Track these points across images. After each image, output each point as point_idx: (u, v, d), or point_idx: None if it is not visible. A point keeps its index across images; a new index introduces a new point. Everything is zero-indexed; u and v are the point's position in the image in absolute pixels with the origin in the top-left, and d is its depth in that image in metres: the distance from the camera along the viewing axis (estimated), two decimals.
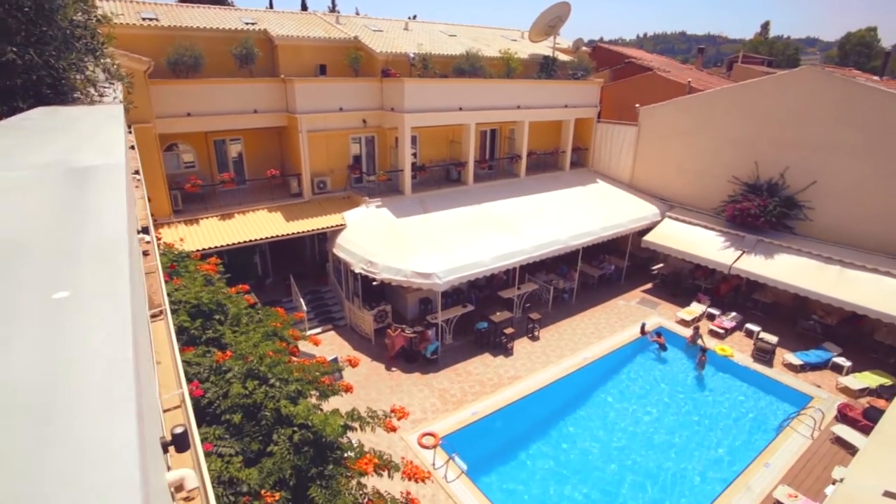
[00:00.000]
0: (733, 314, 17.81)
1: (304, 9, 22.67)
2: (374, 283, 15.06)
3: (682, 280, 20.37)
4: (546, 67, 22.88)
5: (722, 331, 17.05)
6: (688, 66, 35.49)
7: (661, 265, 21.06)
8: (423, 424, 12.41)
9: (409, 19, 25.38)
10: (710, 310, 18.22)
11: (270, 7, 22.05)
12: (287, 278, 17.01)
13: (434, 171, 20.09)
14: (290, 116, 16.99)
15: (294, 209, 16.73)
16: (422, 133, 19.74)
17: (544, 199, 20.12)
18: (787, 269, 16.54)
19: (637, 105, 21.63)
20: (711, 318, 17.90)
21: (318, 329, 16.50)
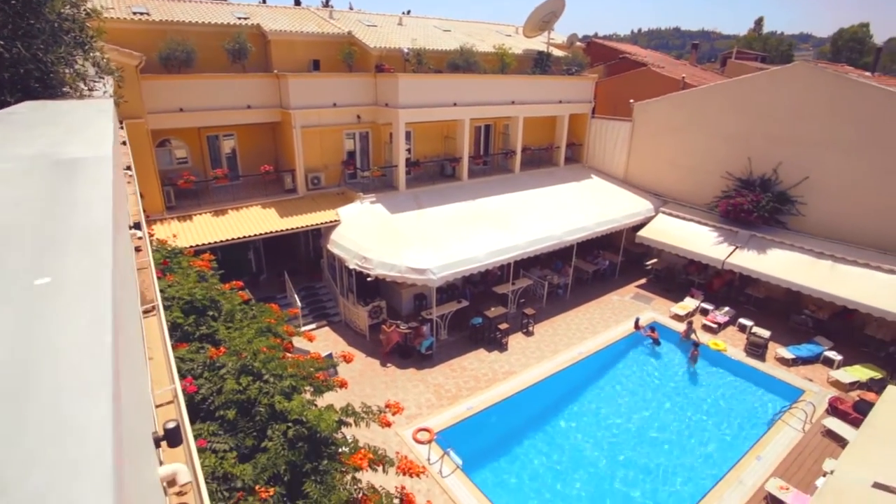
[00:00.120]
0: (726, 309, 17.93)
1: (297, 4, 22.52)
2: (369, 279, 15.05)
3: (675, 275, 20.49)
4: (540, 63, 22.86)
5: (715, 325, 17.17)
6: (682, 61, 35.54)
7: (654, 260, 21.15)
8: (418, 420, 12.44)
9: (403, 14, 25.22)
10: (703, 305, 18.34)
11: (263, 2, 21.89)
12: (281, 274, 16.96)
13: (428, 167, 20.05)
14: (283, 112, 16.90)
15: (288, 205, 16.67)
16: (416, 129, 19.70)
17: (539, 195, 20.15)
18: (780, 264, 16.66)
19: (631, 101, 21.66)
20: (705, 312, 18.02)
21: (313, 325, 16.48)
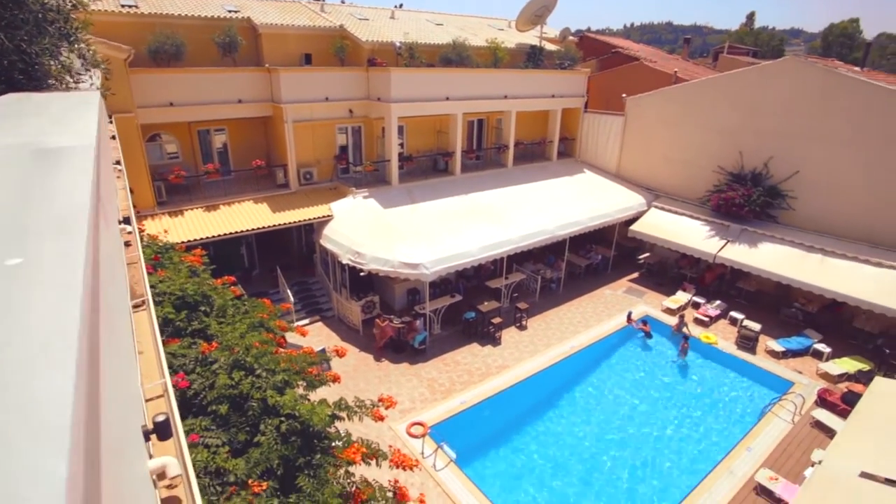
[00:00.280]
0: (718, 302, 18.09)
1: None
2: (362, 274, 15.02)
3: (667, 269, 20.62)
4: (533, 57, 22.81)
5: (707, 319, 17.31)
6: (674, 56, 35.64)
7: (647, 254, 21.27)
8: (412, 414, 12.47)
9: (396, 8, 25.04)
10: (695, 298, 18.48)
11: None
12: (274, 270, 16.88)
13: (421, 162, 20.00)
14: (275, 106, 16.77)
15: (280, 200, 16.57)
16: (409, 123, 19.62)
17: (531, 189, 20.17)
18: (771, 257, 16.81)
19: (624, 95, 21.69)
20: (696, 306, 18.15)
21: (306, 320, 16.44)
